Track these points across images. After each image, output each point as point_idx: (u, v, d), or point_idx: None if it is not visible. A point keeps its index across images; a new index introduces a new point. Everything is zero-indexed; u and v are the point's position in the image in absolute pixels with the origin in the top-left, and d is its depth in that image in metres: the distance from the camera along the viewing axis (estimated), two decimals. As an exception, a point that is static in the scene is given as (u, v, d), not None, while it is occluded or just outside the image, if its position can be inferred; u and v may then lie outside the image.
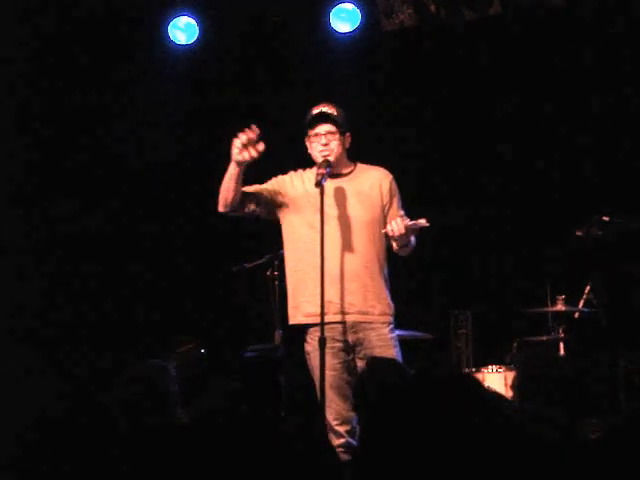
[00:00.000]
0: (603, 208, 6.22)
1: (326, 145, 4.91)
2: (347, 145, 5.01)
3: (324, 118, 4.92)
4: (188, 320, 7.28)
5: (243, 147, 4.74)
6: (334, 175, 4.94)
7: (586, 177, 6.94)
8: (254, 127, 4.74)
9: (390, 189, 5.00)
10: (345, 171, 5.02)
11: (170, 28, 7.18)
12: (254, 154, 4.74)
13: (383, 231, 4.84)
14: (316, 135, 4.93)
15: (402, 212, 5.00)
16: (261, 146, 4.74)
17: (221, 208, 4.96)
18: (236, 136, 4.73)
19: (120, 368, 3.70)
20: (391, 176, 5.05)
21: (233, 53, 7.32)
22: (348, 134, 5.00)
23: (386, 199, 4.98)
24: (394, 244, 4.91)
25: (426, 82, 7.25)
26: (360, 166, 5.07)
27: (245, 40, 7.20)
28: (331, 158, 4.90)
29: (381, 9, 6.84)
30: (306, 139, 4.99)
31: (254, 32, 7.17)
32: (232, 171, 4.84)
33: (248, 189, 4.96)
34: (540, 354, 3.85)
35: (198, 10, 7.17)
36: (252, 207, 4.98)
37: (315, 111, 4.95)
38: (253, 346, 6.32)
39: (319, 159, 4.91)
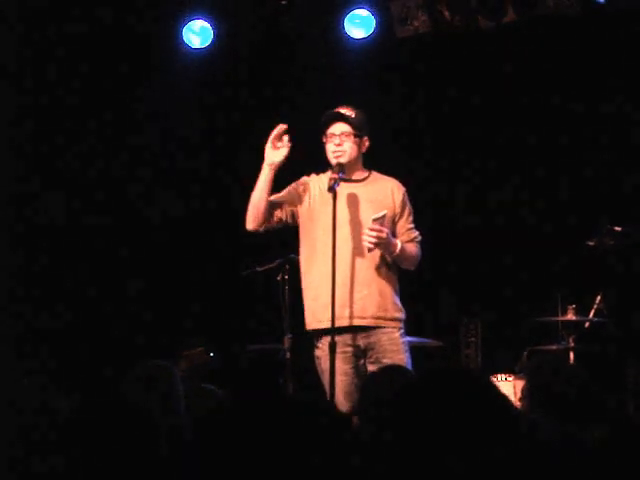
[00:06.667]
0: (615, 218, 6.20)
1: (339, 145, 4.90)
2: (364, 149, 5.00)
3: (339, 117, 4.93)
4: (197, 323, 7.28)
5: (275, 142, 4.85)
6: (348, 180, 4.95)
7: (599, 186, 6.91)
8: (280, 125, 4.87)
9: (402, 201, 5.00)
10: (359, 177, 5.02)
11: (185, 32, 7.19)
12: (285, 150, 4.84)
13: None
14: (331, 135, 4.93)
15: (412, 225, 5.01)
16: (286, 138, 4.86)
17: (251, 224, 4.94)
18: (266, 141, 4.85)
19: (127, 370, 3.70)
20: (404, 189, 5.06)
21: (247, 57, 7.33)
22: (365, 138, 4.99)
23: (397, 210, 4.98)
24: (388, 257, 4.88)
25: (440, 89, 7.24)
26: (374, 174, 5.08)
27: (259, 44, 7.20)
28: (343, 160, 4.90)
29: (395, 15, 6.84)
30: (323, 140, 4.99)
31: (268, 36, 7.18)
32: (264, 177, 4.89)
33: (272, 199, 4.96)
34: (548, 363, 3.83)
35: (213, 14, 7.18)
36: (279, 215, 4.96)
37: (332, 111, 4.96)
38: (251, 346, 6.30)
39: (333, 161, 4.92)
